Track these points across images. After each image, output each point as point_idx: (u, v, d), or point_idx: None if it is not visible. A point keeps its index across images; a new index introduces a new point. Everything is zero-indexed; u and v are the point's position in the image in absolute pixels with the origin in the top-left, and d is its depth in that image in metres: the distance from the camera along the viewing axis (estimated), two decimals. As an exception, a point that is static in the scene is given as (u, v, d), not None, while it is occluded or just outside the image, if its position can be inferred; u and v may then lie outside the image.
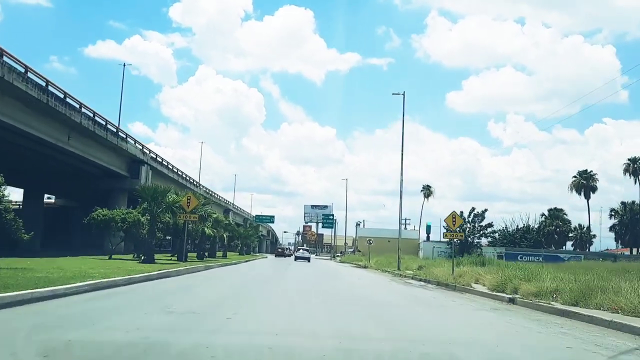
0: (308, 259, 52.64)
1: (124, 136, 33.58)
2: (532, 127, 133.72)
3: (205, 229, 30.53)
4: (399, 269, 33.57)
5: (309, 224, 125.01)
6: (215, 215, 27.68)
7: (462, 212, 63.48)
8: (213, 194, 64.99)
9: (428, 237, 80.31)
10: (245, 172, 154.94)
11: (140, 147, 36.81)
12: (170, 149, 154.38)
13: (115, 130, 31.73)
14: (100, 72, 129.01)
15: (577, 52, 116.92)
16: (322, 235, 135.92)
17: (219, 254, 41.53)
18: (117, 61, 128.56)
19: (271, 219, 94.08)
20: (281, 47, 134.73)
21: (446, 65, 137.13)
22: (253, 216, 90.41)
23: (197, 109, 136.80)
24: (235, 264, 32.37)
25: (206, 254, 33.00)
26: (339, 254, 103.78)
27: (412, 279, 26.20)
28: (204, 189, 59.54)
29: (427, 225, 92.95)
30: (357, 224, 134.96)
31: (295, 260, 52.59)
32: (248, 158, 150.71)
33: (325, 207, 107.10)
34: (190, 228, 31.33)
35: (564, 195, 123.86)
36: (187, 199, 22.77)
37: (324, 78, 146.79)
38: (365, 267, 44.25)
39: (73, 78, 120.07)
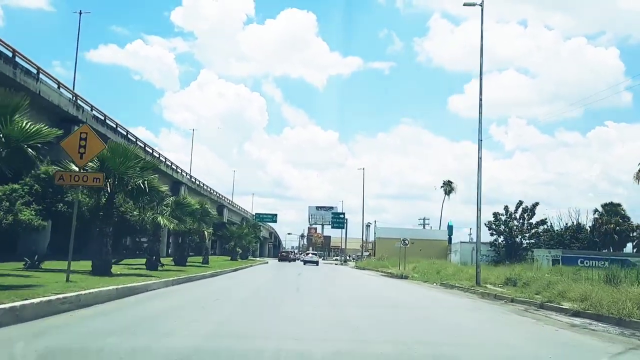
0: (317, 263, 51.89)
1: (34, 71, 20.18)
2: (535, 131, 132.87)
3: (160, 217, 17.54)
4: (479, 284, 20.35)
5: (314, 226, 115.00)
6: (165, 190, 14.41)
7: (506, 207, 50.47)
8: (202, 185, 51.90)
9: (450, 239, 68.59)
10: (247, 177, 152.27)
11: (72, 98, 23.71)
12: (173, 153, 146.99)
13: (11, 54, 18.56)
14: (102, 77, 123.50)
15: (580, 54, 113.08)
16: (329, 237, 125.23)
17: (196, 259, 28.46)
18: (119, 66, 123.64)
19: (273, 217, 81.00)
20: (283, 51, 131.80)
21: (448, 68, 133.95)
22: (253, 215, 77.22)
23: (200, 113, 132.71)
24: (211, 276, 19.28)
25: (160, 263, 19.73)
26: (351, 258, 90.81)
27: (542, 307, 13.08)
28: (188, 177, 46.49)
29: (448, 226, 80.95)
30: (368, 225, 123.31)
31: (304, 264, 49.78)
32: (250, 162, 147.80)
33: (331, 208, 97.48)
34: (136, 217, 18.29)
35: (570, 195, 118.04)
36: (80, 139, 9.79)
37: (325, 82, 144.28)
38: (402, 276, 31.15)
39: (75, 82, 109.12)
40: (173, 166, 40.65)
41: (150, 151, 35.74)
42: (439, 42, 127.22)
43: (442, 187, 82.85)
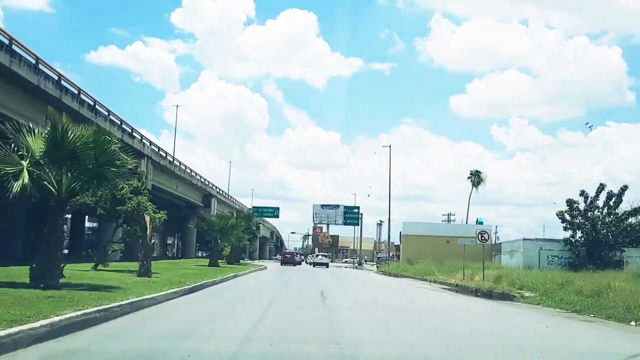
0: (327, 265, 49.90)
1: None
2: (537, 131, 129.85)
3: None
4: None
5: (319, 225, 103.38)
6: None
7: (584, 192, 36.43)
8: (177, 163, 38.02)
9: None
10: (248, 178, 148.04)
11: None
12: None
13: None
14: (103, 78, 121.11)
15: (583, 53, 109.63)
16: (336, 237, 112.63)
17: (130, 267, 14.71)
18: (119, 68, 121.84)
19: (274, 211, 67.16)
20: (284, 52, 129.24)
21: (450, 68, 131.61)
22: (250, 209, 63.21)
23: (200, 115, 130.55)
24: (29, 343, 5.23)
25: None
26: (366, 260, 77.16)
27: None
28: (152, 148, 32.58)
29: (477, 222, 67.85)
30: (380, 223, 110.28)
31: (313, 266, 47.34)
32: (252, 164, 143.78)
33: (337, 206, 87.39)
34: None
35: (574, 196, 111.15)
36: None
37: (326, 83, 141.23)
38: (489, 294, 17.42)
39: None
40: (113, 117, 26.35)
41: (75, 91, 21.84)
42: (441, 42, 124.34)
43: (468, 178, 71.12)
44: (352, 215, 67.25)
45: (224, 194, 56.21)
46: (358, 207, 68.69)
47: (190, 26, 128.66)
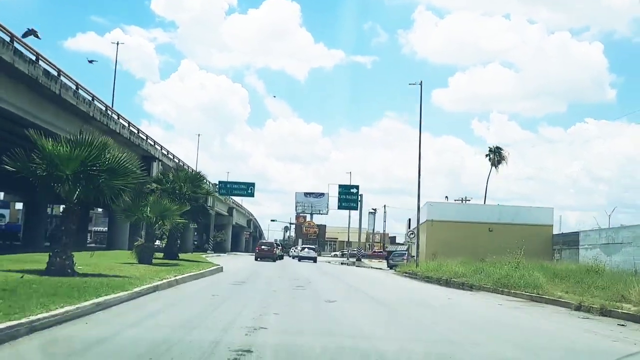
0: (314, 259, 42.94)
1: None
2: (517, 126, 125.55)
3: None
4: None
5: (302, 214, 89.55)
6: None
7: None
8: (64, 78, 21.10)
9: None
10: (229, 169, 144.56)
11: None
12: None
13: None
14: (81, 66, 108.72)
15: (564, 49, 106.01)
16: (324, 227, 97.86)
17: None
18: (98, 54, 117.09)
19: (248, 188, 50.10)
20: (266, 42, 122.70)
21: (432, 61, 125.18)
22: (216, 184, 46.40)
23: (181, 105, 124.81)
24: None
25: None
26: (360, 254, 61.59)
27: None
28: (27, 56, 15.63)
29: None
30: (374, 211, 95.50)
31: (299, 261, 41.78)
32: (232, 155, 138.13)
33: (322, 194, 72.93)
34: None
35: (552, 192, 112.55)
36: None
37: (307, 75, 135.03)
38: None
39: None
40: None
41: None
42: (424, 35, 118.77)
43: (486, 156, 57.63)
44: (348, 197, 50.96)
45: (177, 161, 39.46)
46: (357, 186, 52.36)
47: (171, 14, 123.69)
